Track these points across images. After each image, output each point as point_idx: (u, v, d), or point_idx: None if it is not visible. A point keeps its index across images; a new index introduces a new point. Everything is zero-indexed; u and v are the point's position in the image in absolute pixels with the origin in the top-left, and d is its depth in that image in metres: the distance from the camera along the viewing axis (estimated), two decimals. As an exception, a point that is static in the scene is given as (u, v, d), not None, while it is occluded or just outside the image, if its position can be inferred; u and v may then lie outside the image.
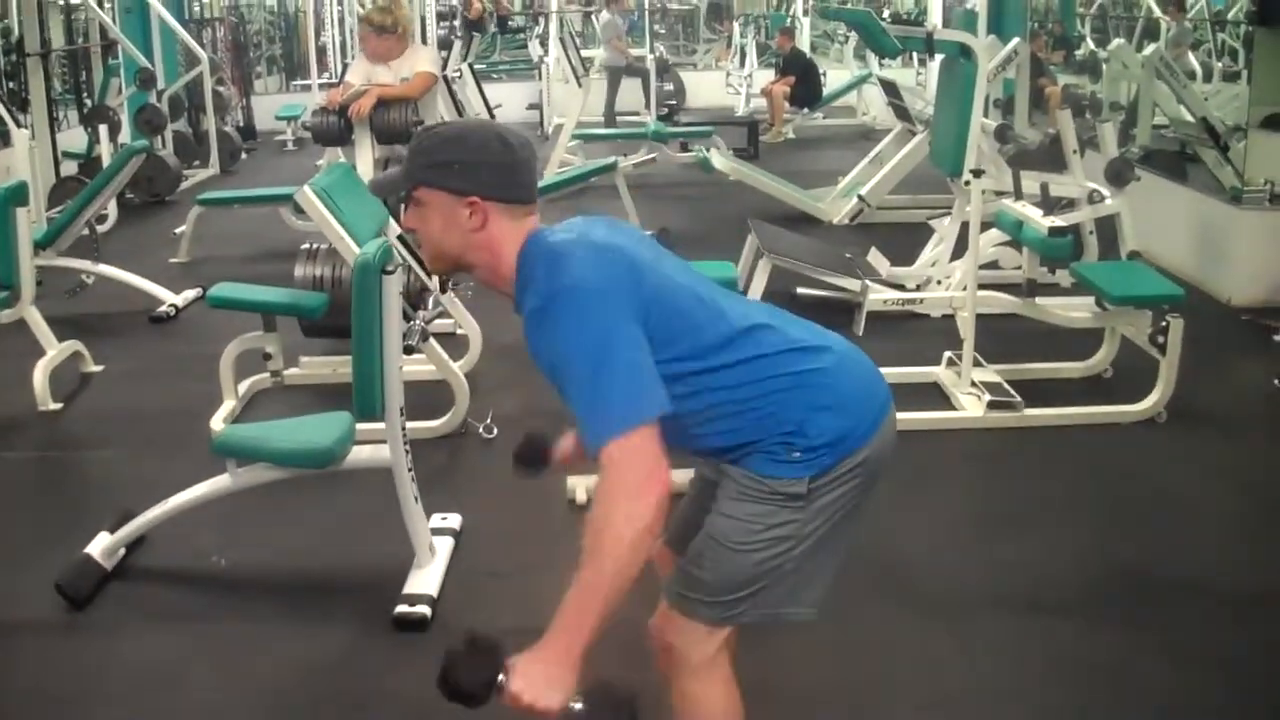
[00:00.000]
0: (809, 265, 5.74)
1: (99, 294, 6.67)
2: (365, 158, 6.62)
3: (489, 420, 4.77)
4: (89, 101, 10.89)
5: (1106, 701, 3.01)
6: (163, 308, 6.61)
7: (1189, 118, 8.32)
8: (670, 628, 2.19)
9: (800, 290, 6.27)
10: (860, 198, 8.20)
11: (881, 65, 13.53)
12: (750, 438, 2.07)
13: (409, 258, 4.77)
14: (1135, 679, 3.11)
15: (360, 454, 3.60)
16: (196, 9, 14.72)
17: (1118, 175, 6.43)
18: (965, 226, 5.40)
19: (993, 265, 6.49)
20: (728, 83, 16.05)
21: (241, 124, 13.80)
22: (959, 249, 5.94)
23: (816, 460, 2.05)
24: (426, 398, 4.76)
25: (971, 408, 4.88)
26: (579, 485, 4.04)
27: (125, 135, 9.65)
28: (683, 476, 2.40)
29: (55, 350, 5.38)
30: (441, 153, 2.06)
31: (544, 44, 14.82)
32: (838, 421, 2.06)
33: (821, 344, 2.14)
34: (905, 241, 7.11)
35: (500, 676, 1.81)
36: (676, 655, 2.19)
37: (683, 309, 2.03)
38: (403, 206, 2.18)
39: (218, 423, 4.77)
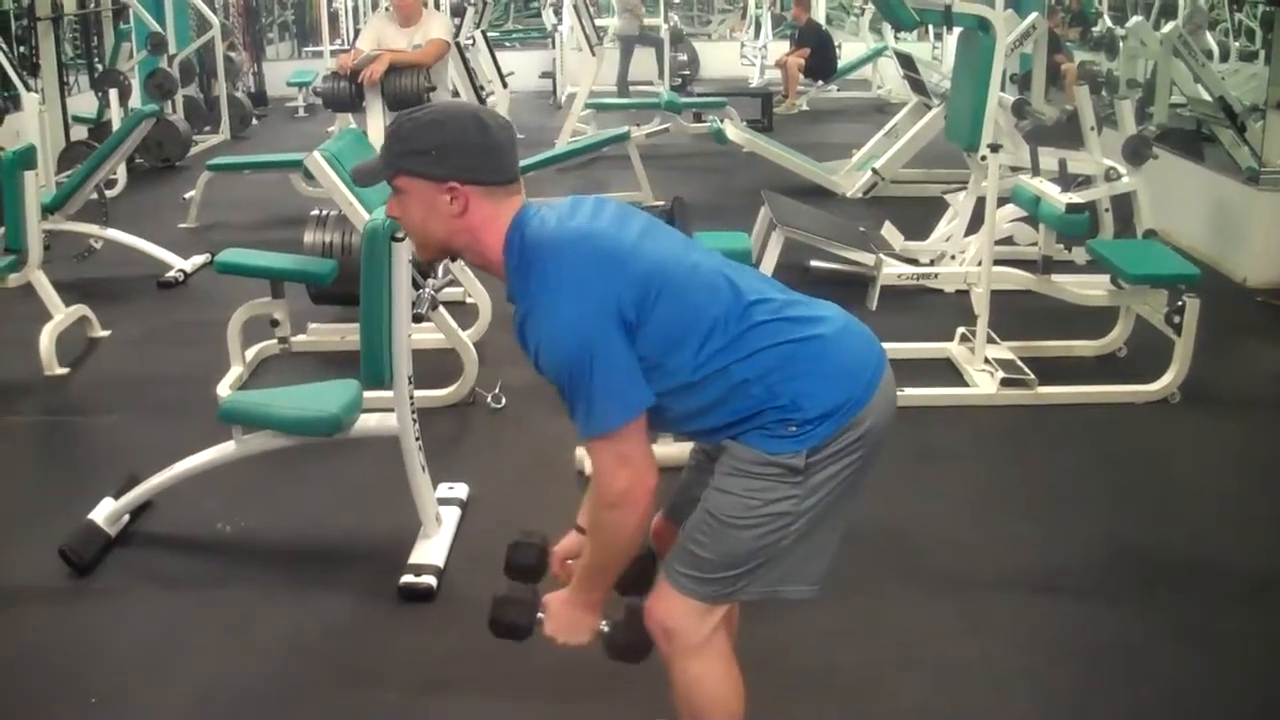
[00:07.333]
0: (823, 238, 5.70)
1: (107, 259, 6.67)
2: (376, 124, 6.58)
3: (497, 390, 4.75)
4: (100, 66, 10.86)
5: (1114, 683, 2.98)
6: (171, 273, 6.60)
7: (1206, 97, 8.24)
8: (667, 608, 2.16)
9: (814, 263, 6.22)
10: (874, 171, 8.15)
11: (897, 38, 13.48)
12: (747, 414, 2.04)
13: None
14: (1143, 660, 3.08)
15: (367, 422, 3.58)
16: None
17: (1135, 153, 6.36)
18: (981, 201, 5.35)
19: (1008, 241, 6.43)
20: (742, 54, 15.98)
21: (252, 90, 13.78)
22: (974, 224, 5.89)
23: (813, 433, 2.02)
24: (435, 366, 4.74)
25: (984, 385, 4.84)
26: (587, 457, 4.01)
27: (136, 100, 9.62)
28: (683, 449, 2.39)
29: (62, 315, 5.36)
30: (418, 139, 2.02)
31: (558, 12, 14.73)
32: (832, 392, 2.03)
33: (816, 314, 2.11)
34: (919, 216, 7.06)
35: (540, 615, 2.23)
36: (674, 635, 2.17)
37: (679, 291, 2.01)
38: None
39: (224, 389, 4.75)
